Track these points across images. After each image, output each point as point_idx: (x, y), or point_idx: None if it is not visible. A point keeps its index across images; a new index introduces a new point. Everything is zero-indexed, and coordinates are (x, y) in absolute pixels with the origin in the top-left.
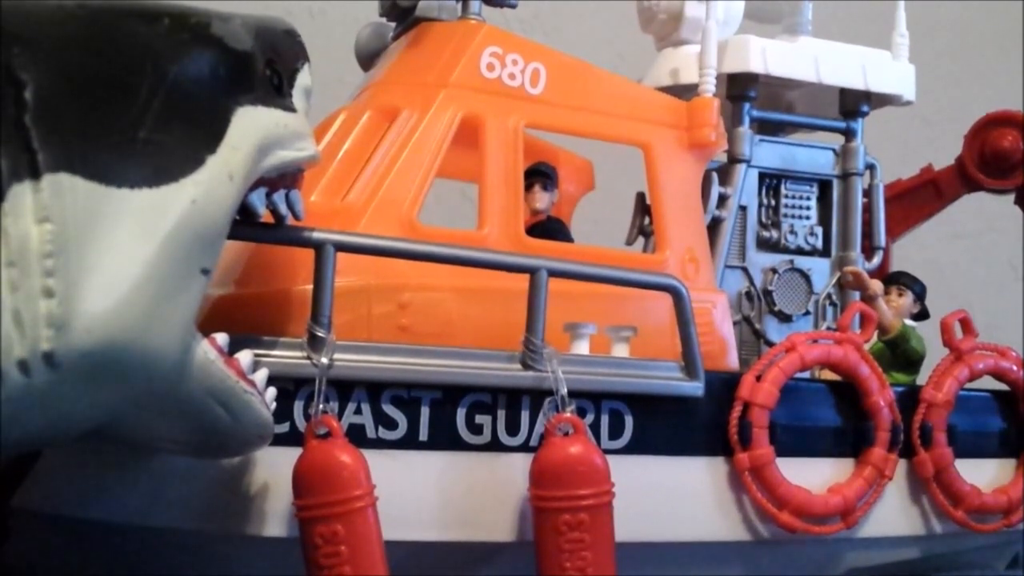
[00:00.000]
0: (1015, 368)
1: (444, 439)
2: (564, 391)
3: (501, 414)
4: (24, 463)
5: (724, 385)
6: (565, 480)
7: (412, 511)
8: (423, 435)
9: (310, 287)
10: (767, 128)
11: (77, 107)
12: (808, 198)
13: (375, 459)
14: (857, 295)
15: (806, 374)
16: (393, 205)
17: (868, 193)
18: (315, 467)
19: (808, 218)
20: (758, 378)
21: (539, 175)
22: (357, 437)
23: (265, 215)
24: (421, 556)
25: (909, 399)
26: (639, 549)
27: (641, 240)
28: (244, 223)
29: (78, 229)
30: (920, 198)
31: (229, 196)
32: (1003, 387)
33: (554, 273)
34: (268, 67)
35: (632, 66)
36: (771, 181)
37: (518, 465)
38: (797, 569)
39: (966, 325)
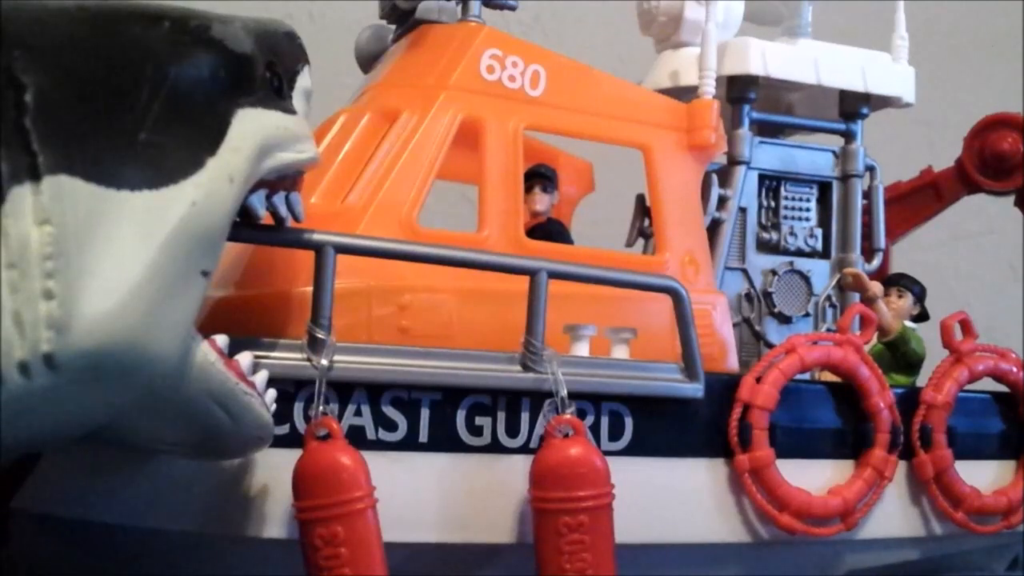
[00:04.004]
0: (1015, 370)
1: (444, 441)
2: (564, 393)
3: (501, 416)
4: (24, 465)
5: (724, 387)
6: (565, 482)
7: (412, 513)
8: (423, 437)
9: (310, 289)
10: (767, 130)
11: (78, 109)
12: (808, 200)
13: (375, 461)
14: (857, 297)
15: (806, 376)
16: (393, 207)
17: (868, 195)
18: (315, 469)
19: (808, 220)
20: (758, 380)
21: (539, 177)
22: (357, 439)
23: (265, 217)
24: (421, 558)
25: (909, 401)
26: (639, 551)
27: (641, 242)
28: (244, 225)
29: (78, 231)
30: (920, 200)
31: (229, 198)
32: (1003, 389)
33: (554, 275)
34: (268, 69)
35: (632, 68)
36: (771, 183)
37: (518, 467)
38: (797, 571)
39: (966, 327)
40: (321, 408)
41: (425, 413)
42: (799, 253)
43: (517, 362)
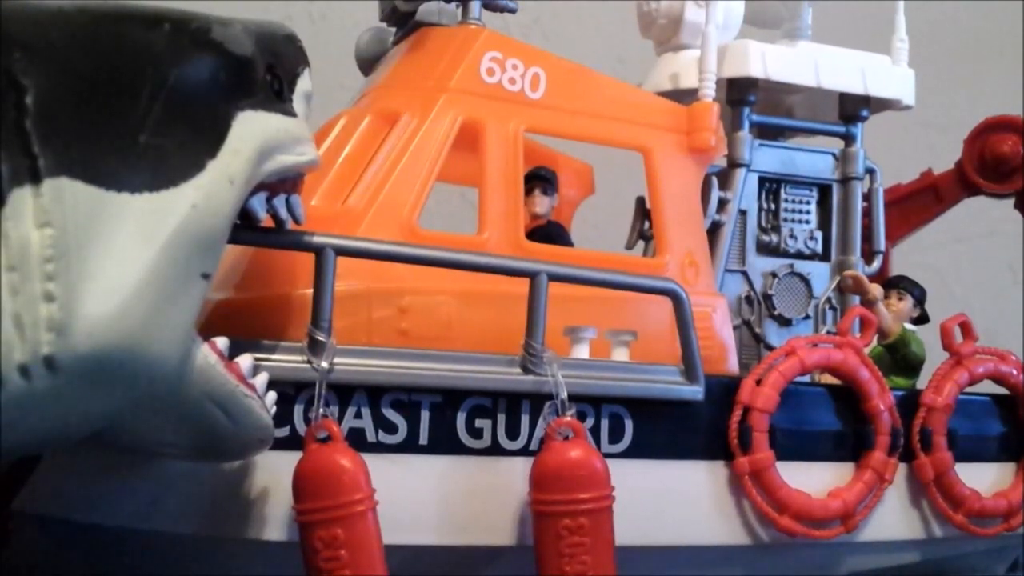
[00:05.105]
0: (1015, 372)
1: (444, 443)
2: (564, 395)
3: (501, 418)
4: (25, 466)
5: (724, 389)
6: (565, 484)
7: (412, 515)
8: (423, 439)
9: (310, 291)
10: (767, 132)
11: (78, 112)
12: (808, 202)
13: (375, 463)
14: (857, 299)
15: (806, 378)
16: (393, 209)
17: (868, 197)
18: (315, 471)
19: (808, 222)
20: (758, 382)
21: (539, 179)
22: (357, 441)
23: (266, 219)
24: (421, 560)
25: (909, 403)
26: (639, 553)
27: (641, 244)
28: (244, 227)
29: (79, 233)
30: (920, 202)
31: (229, 200)
32: (1003, 391)
33: (554, 277)
34: (269, 72)
35: (632, 71)
36: (771, 185)
37: (518, 469)
38: (797, 573)
39: (966, 329)
40: (321, 410)
41: (425, 415)
42: (799, 255)
43: (517, 364)
